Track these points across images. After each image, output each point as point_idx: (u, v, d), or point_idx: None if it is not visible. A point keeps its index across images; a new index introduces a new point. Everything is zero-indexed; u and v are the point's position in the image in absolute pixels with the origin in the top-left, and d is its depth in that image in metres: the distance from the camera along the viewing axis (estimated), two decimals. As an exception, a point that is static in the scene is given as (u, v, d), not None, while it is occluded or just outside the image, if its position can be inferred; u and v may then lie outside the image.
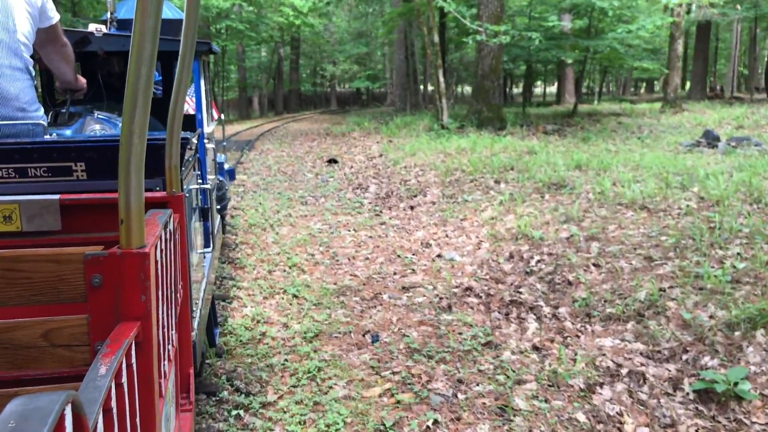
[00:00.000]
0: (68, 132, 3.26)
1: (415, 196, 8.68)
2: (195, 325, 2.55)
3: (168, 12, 5.33)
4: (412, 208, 8.13)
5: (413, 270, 5.54)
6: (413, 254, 6.05)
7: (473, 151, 11.20)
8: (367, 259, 5.92)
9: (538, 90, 47.73)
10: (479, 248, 6.25)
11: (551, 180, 8.08)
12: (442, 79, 14.02)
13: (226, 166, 6.07)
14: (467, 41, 12.84)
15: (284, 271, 5.54)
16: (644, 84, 54.99)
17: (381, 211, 7.97)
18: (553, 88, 48.95)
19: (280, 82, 35.12)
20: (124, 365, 1.15)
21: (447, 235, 6.75)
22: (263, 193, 9.30)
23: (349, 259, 5.92)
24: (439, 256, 6.04)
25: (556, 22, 16.61)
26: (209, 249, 3.43)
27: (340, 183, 10.23)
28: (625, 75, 45.13)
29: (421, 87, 30.59)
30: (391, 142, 13.97)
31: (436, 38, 14.00)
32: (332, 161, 12.62)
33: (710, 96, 27.10)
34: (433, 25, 14.00)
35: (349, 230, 7.02)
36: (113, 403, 1.05)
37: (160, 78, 4.89)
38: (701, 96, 25.92)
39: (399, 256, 5.97)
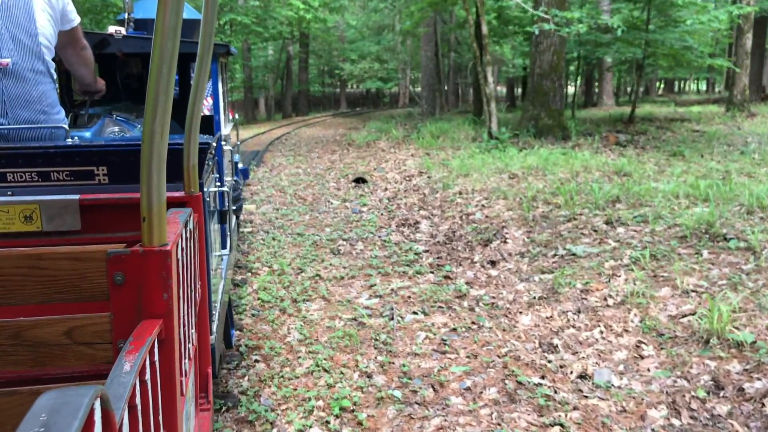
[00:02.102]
0: (87, 134, 3.22)
1: (490, 241, 6.19)
2: (214, 327, 2.47)
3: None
4: (492, 263, 5.64)
5: (561, 426, 3.04)
6: (541, 375, 3.56)
7: (547, 171, 8.69)
8: (468, 389, 3.42)
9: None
10: (641, 357, 3.77)
11: (699, 225, 5.56)
12: (490, 79, 11.52)
13: (240, 166, 5.95)
14: (532, 30, 10.39)
15: (326, 424, 3.05)
16: (662, 84, 52.10)
17: (452, 271, 5.48)
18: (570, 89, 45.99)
19: (288, 82, 32.64)
20: (147, 362, 1.13)
21: (572, 324, 4.26)
22: (278, 234, 6.81)
23: (434, 389, 3.43)
24: (584, 377, 3.55)
25: (598, 16, 14.12)
26: (226, 251, 3.46)
27: (377, 215, 7.74)
28: (651, 76, 42.47)
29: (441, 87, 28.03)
30: (429, 155, 11.48)
31: (485, 29, 11.49)
32: (360, 180, 10.16)
33: (762, 97, 24.52)
34: (482, 13, 11.50)
35: (415, 311, 4.53)
36: (138, 400, 1.03)
37: (177, 78, 4.51)
38: (756, 97, 23.32)
39: (521, 382, 3.47)
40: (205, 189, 2.34)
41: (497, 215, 6.98)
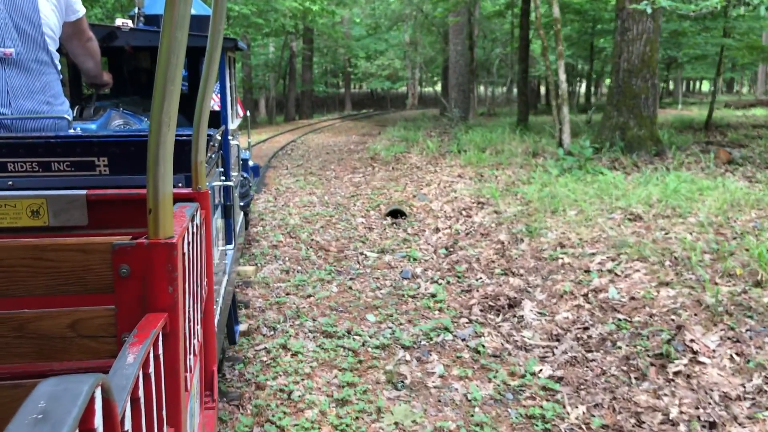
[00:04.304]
0: (93, 126, 3.23)
1: (669, 359, 3.49)
2: (215, 322, 2.37)
3: (196, 8, 5.06)
4: (712, 427, 2.91)
5: None
6: None
7: (681, 208, 5.94)
8: None
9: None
10: None
11: None
12: (563, 77, 8.78)
13: (251, 163, 5.93)
14: (642, 7, 7.66)
15: None
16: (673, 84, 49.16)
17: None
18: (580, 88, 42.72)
19: (292, 81, 29.86)
20: (151, 355, 1.11)
21: None
22: (291, 334, 4.05)
23: None
24: None
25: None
26: (231, 246, 3.45)
27: (443, 285, 5.02)
28: (675, 75, 39.63)
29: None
30: (483, 176, 8.74)
31: (557, 10, 8.74)
32: (397, 214, 7.44)
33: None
34: (553, -12, 8.73)
35: None
36: (141, 393, 1.01)
37: (186, 74, 4.60)
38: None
39: None
40: (208, 183, 2.21)
41: (650, 296, 4.25)
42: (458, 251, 5.95)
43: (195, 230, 1.64)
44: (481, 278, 5.10)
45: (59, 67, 2.51)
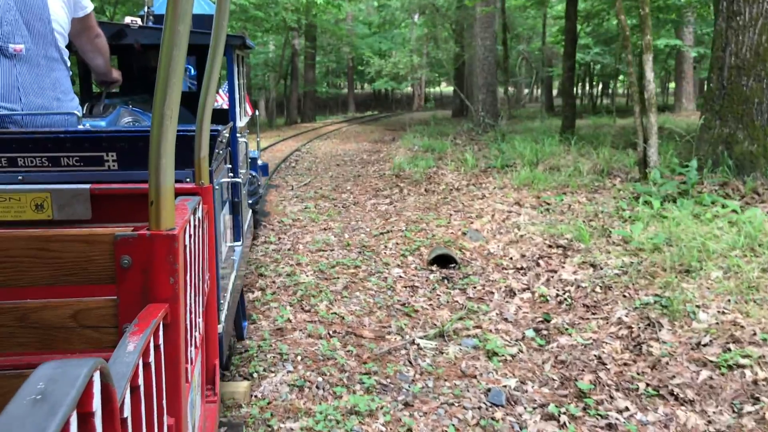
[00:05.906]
0: (102, 123, 3.23)
1: None
2: (222, 317, 2.45)
3: (204, 7, 5.23)
4: None
5: None
6: None
7: None
8: None
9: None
10: None
11: None
12: (650, 75, 6.77)
13: (260, 162, 6.02)
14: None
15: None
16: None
17: None
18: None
19: (294, 81, 27.81)
20: (151, 345, 1.11)
21: None
22: None
23: None
24: None
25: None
26: (239, 243, 3.43)
27: (565, 422, 2.97)
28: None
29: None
30: (549, 205, 6.71)
31: (645, -12, 6.71)
32: (444, 261, 5.43)
33: None
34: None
35: None
36: (140, 381, 1.01)
37: (195, 73, 4.74)
38: None
39: None
40: (216, 179, 2.25)
41: None
42: (557, 337, 3.92)
43: (197, 223, 1.64)
44: (626, 408, 3.07)
45: (69, 64, 2.51)
